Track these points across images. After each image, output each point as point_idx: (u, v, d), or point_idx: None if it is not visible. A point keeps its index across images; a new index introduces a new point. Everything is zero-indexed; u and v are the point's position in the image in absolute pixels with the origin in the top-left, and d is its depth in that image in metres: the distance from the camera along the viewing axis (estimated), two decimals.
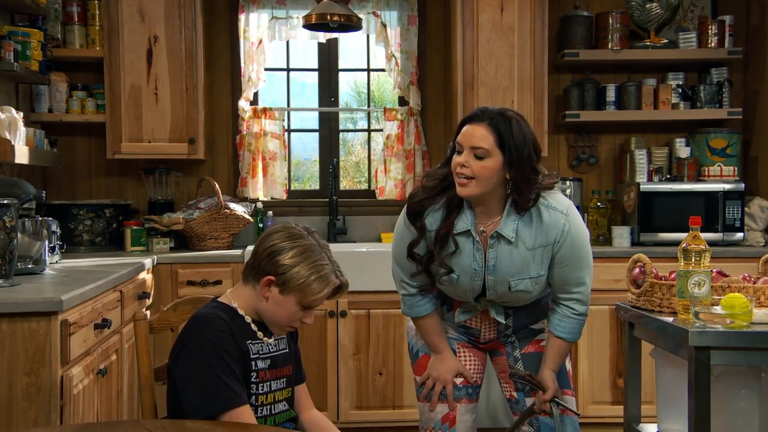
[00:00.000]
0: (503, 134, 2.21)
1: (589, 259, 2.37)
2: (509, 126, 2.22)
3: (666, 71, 4.53)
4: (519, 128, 2.23)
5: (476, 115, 2.26)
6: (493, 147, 2.21)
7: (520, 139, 2.22)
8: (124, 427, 1.86)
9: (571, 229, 2.30)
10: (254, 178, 4.48)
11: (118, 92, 4.12)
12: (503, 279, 2.32)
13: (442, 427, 2.49)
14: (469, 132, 2.25)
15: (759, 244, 4.24)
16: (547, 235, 2.29)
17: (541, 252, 2.30)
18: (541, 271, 2.32)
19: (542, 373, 2.43)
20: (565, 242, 2.29)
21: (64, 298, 2.33)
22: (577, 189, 4.38)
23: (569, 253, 2.31)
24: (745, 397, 2.36)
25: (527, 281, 2.32)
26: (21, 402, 2.29)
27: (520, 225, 2.29)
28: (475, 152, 2.22)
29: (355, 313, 3.95)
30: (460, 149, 2.26)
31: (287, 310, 2.05)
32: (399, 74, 4.54)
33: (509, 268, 2.31)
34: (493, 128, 2.22)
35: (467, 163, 2.22)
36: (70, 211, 4.09)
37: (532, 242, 2.29)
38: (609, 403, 4.03)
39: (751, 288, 2.41)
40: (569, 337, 2.41)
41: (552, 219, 2.29)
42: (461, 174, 2.23)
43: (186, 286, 3.84)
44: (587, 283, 2.39)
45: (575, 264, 2.34)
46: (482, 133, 2.22)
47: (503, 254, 2.30)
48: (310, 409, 2.27)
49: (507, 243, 2.29)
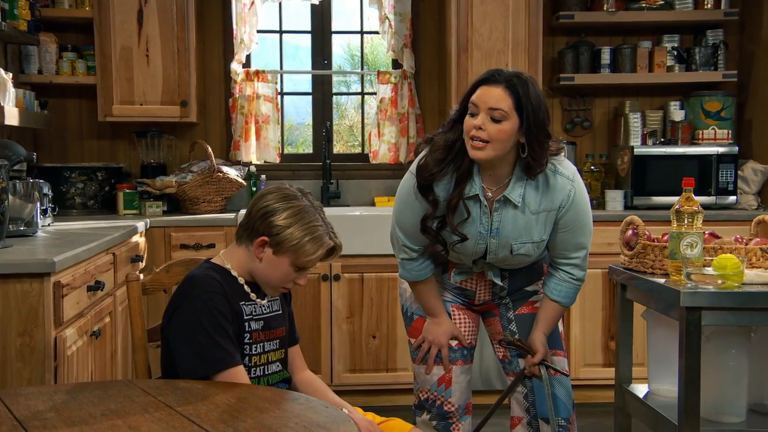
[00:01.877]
0: (521, 97, 2.17)
1: (590, 225, 2.37)
2: (526, 88, 2.18)
3: (661, 33, 4.50)
4: (535, 91, 2.20)
5: (492, 77, 2.21)
6: (511, 109, 2.17)
7: (536, 102, 2.18)
8: (117, 386, 1.87)
9: (576, 194, 2.30)
10: (247, 141, 4.46)
11: (108, 54, 4.07)
12: (506, 243, 2.32)
13: (438, 389, 2.51)
14: (486, 93, 2.19)
15: (751, 207, 4.25)
16: (552, 201, 2.28)
17: (545, 217, 2.30)
18: (543, 236, 2.32)
19: (533, 335, 2.44)
20: (570, 208, 2.29)
21: (56, 259, 2.33)
22: (571, 153, 4.38)
23: (573, 218, 2.31)
24: (735, 357, 2.38)
25: (529, 245, 2.32)
26: (15, 363, 2.30)
27: (527, 189, 2.28)
28: (493, 114, 2.17)
29: (349, 277, 3.96)
30: (475, 111, 2.20)
31: (281, 271, 2.05)
32: (392, 37, 4.50)
33: (512, 232, 2.30)
34: (511, 90, 2.17)
35: (483, 126, 2.17)
36: (62, 174, 4.07)
37: (536, 207, 2.28)
38: (600, 366, 4.07)
39: (743, 249, 2.41)
40: (565, 301, 2.42)
41: (559, 184, 2.28)
42: (477, 137, 2.18)
43: (179, 249, 3.84)
44: (587, 248, 2.39)
45: (577, 230, 2.34)
46: (500, 94, 2.17)
47: (507, 218, 2.30)
48: (304, 370, 2.28)
49: (513, 207, 2.28)
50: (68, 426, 1.51)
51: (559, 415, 2.43)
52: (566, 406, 2.44)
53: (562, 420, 2.43)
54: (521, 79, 2.20)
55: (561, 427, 2.42)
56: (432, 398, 2.51)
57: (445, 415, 2.51)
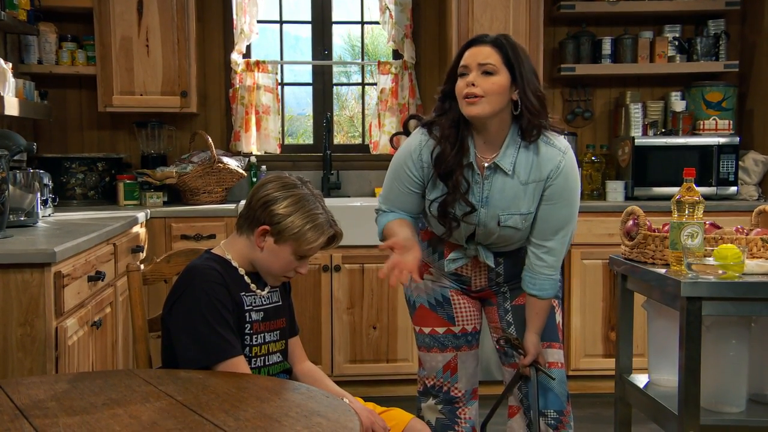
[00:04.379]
0: (508, 51, 2.23)
1: (574, 204, 2.33)
2: (513, 45, 2.26)
3: (663, 23, 4.49)
4: (522, 50, 2.28)
5: (478, 39, 2.28)
6: (501, 64, 2.22)
7: (524, 56, 2.26)
8: (119, 376, 1.87)
9: (566, 166, 2.28)
10: (247, 132, 4.45)
11: (108, 44, 4.06)
12: (494, 213, 2.31)
13: (443, 376, 2.51)
14: (474, 52, 2.25)
15: (752, 197, 4.25)
16: (541, 170, 2.27)
17: (534, 187, 2.29)
18: (531, 207, 2.31)
19: (526, 338, 2.43)
20: (558, 178, 2.27)
21: (57, 249, 2.33)
22: (572, 143, 4.36)
23: (558, 191, 2.29)
24: (735, 347, 2.38)
25: (517, 217, 2.30)
26: (16, 353, 2.30)
27: (518, 158, 2.27)
28: (484, 68, 2.21)
29: (349, 268, 3.96)
30: (466, 71, 2.24)
31: (282, 259, 2.05)
32: (393, 27, 4.48)
33: (501, 201, 2.30)
34: (499, 47, 2.24)
35: (476, 81, 2.21)
36: (62, 165, 4.07)
37: (526, 177, 2.28)
38: (601, 356, 4.08)
39: (744, 239, 2.41)
40: (542, 294, 2.36)
41: (549, 153, 2.28)
42: (471, 93, 2.21)
43: (180, 240, 3.84)
44: (566, 231, 2.33)
45: (562, 204, 2.30)
46: (488, 51, 2.23)
47: (496, 186, 2.29)
48: (304, 361, 2.28)
49: (503, 174, 2.28)
50: (69, 415, 1.51)
51: (551, 407, 2.42)
52: (559, 399, 2.43)
53: (554, 413, 2.43)
54: (507, 38, 2.28)
55: (554, 419, 2.42)
56: (438, 384, 2.52)
57: (451, 400, 2.51)
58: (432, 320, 2.52)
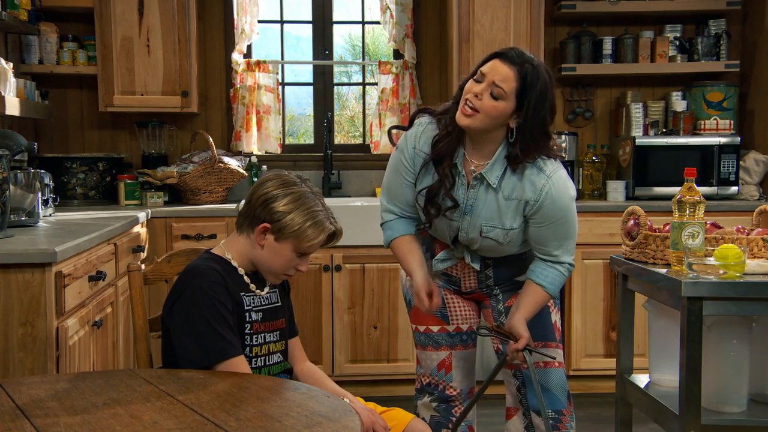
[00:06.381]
0: (527, 85, 2.16)
1: (571, 224, 2.29)
2: (536, 79, 2.17)
3: (663, 23, 4.49)
4: (544, 87, 2.19)
5: (511, 55, 2.19)
6: (511, 92, 2.16)
7: (541, 96, 2.18)
8: (119, 376, 1.87)
9: (552, 190, 2.24)
10: (248, 132, 4.46)
11: (109, 44, 4.07)
12: (477, 222, 2.30)
13: (438, 374, 2.52)
14: (496, 67, 2.18)
15: (753, 197, 4.25)
16: (523, 191, 2.25)
17: (515, 205, 2.27)
18: (514, 224, 2.29)
19: (512, 319, 2.31)
20: (545, 201, 2.24)
21: (58, 249, 2.33)
22: (573, 143, 4.37)
23: (549, 214, 2.25)
24: (736, 347, 2.38)
25: (498, 231, 2.29)
26: (17, 352, 2.30)
27: (506, 173, 2.27)
28: (493, 90, 2.17)
29: (350, 267, 3.96)
30: (480, 79, 2.20)
31: (283, 257, 2.05)
32: (394, 27, 4.48)
33: (484, 212, 2.29)
34: (521, 75, 2.17)
35: (480, 95, 2.18)
36: (63, 165, 4.07)
37: (509, 192, 2.27)
38: (602, 356, 4.08)
39: (745, 239, 2.41)
40: (550, 287, 2.33)
41: (532, 177, 2.24)
42: (470, 102, 2.19)
43: (180, 240, 3.84)
44: (568, 245, 2.31)
45: (558, 223, 2.27)
46: (507, 73, 2.17)
47: (480, 197, 2.29)
48: (304, 361, 2.29)
49: (488, 187, 2.28)
50: (70, 415, 1.52)
51: (551, 407, 2.41)
52: (559, 398, 2.43)
53: (553, 413, 2.41)
54: (536, 69, 2.18)
55: (553, 419, 2.42)
56: (434, 383, 2.52)
57: (446, 399, 2.52)
58: (427, 318, 2.53)
